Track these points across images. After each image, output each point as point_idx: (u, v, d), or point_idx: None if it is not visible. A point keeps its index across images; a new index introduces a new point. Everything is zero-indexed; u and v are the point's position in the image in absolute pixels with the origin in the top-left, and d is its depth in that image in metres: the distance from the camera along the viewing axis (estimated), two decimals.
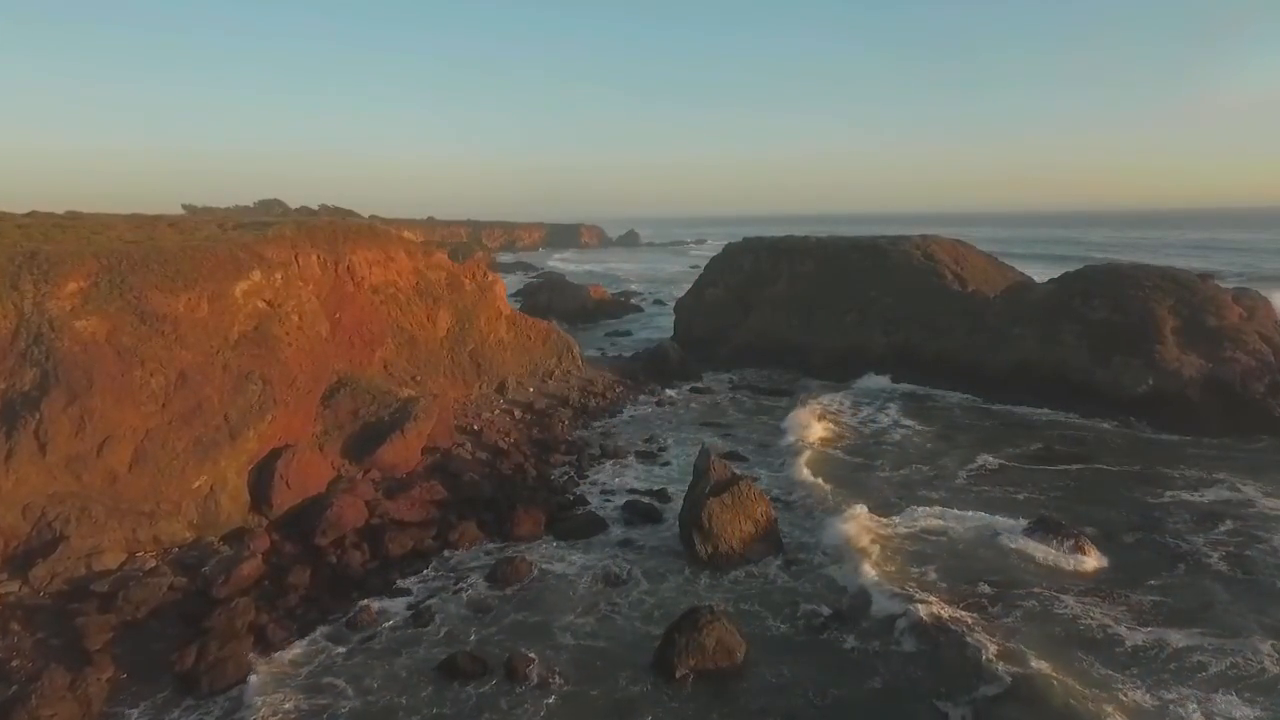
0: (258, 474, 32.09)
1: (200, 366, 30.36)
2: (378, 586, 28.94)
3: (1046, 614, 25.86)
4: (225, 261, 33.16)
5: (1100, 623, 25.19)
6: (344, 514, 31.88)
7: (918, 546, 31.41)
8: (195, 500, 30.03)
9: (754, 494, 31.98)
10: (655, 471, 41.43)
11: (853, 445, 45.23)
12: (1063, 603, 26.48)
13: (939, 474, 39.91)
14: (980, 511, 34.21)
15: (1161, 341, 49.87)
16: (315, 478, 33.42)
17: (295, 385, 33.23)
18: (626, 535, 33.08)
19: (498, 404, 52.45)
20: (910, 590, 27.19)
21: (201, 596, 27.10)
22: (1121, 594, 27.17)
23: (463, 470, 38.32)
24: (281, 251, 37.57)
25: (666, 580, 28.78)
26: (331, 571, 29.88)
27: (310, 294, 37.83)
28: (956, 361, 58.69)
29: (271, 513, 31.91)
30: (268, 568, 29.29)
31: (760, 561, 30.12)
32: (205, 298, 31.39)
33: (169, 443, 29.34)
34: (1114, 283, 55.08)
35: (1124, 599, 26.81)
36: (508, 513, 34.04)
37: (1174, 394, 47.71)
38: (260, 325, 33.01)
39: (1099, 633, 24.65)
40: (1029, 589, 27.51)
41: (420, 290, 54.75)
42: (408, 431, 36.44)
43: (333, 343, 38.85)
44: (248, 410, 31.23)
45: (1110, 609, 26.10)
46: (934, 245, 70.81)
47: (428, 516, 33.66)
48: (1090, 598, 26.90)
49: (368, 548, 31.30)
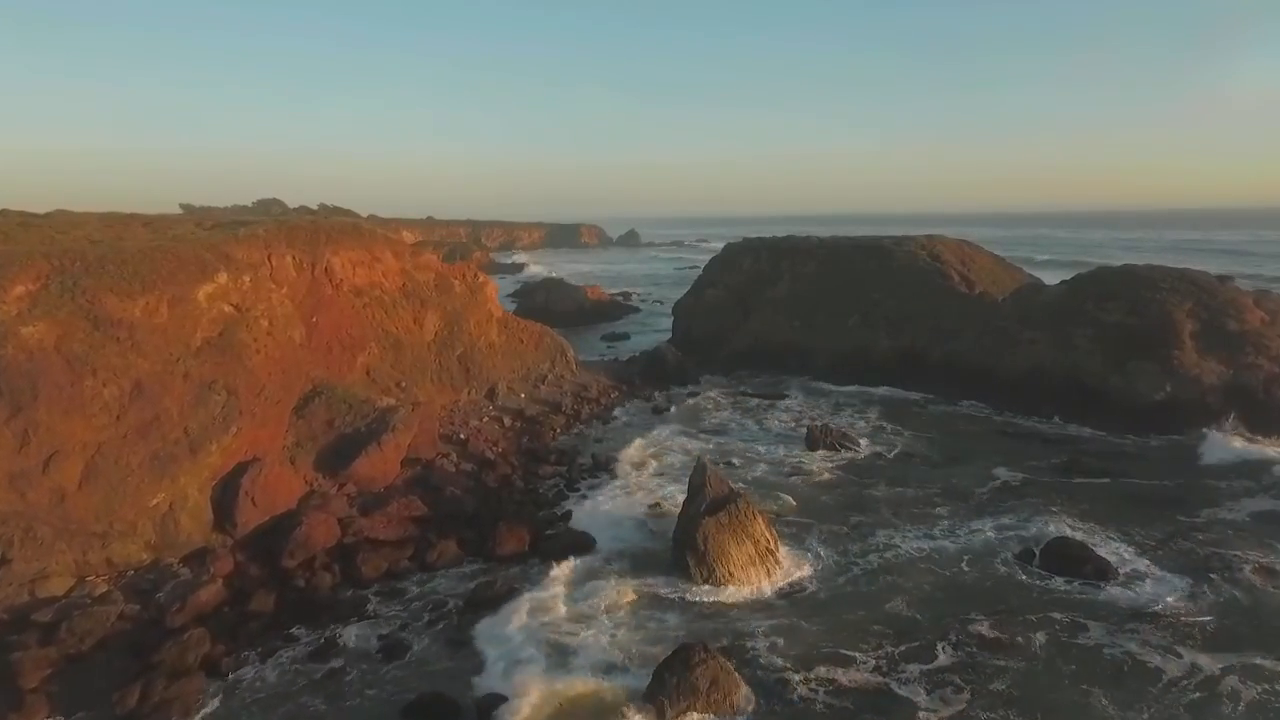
0: (222, 490, 30.02)
1: (158, 376, 28.25)
2: (348, 612, 26.94)
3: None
4: (188, 263, 31.04)
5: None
6: (314, 533, 29.80)
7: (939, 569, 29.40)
8: (152, 519, 27.95)
9: (753, 512, 29.88)
10: (649, 483, 39.26)
11: (858, 462, 42.93)
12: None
13: (950, 492, 37.48)
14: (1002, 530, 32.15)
15: (1180, 346, 47.69)
16: (285, 493, 31.33)
17: (263, 395, 31.13)
18: (616, 555, 30.95)
19: (487, 410, 50.34)
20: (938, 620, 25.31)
21: (154, 626, 25.07)
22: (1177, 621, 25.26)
23: (445, 484, 36.23)
24: (252, 252, 35.44)
25: (657, 608, 26.62)
26: (299, 596, 27.83)
27: (283, 297, 35.71)
28: (964, 366, 56.53)
29: (236, 532, 29.84)
30: (229, 592, 27.26)
31: (759, 587, 27.99)
32: (165, 302, 29.28)
33: (123, 458, 27.25)
34: (1129, 285, 52.88)
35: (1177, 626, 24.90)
36: (491, 530, 31.96)
37: (1193, 401, 45.54)
38: (226, 331, 30.89)
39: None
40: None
41: (407, 292, 52.67)
42: (385, 444, 34.35)
43: (308, 349, 36.75)
44: (210, 422, 29.14)
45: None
46: (940, 246, 68.74)
47: (405, 534, 31.60)
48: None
49: (339, 569, 29.31)
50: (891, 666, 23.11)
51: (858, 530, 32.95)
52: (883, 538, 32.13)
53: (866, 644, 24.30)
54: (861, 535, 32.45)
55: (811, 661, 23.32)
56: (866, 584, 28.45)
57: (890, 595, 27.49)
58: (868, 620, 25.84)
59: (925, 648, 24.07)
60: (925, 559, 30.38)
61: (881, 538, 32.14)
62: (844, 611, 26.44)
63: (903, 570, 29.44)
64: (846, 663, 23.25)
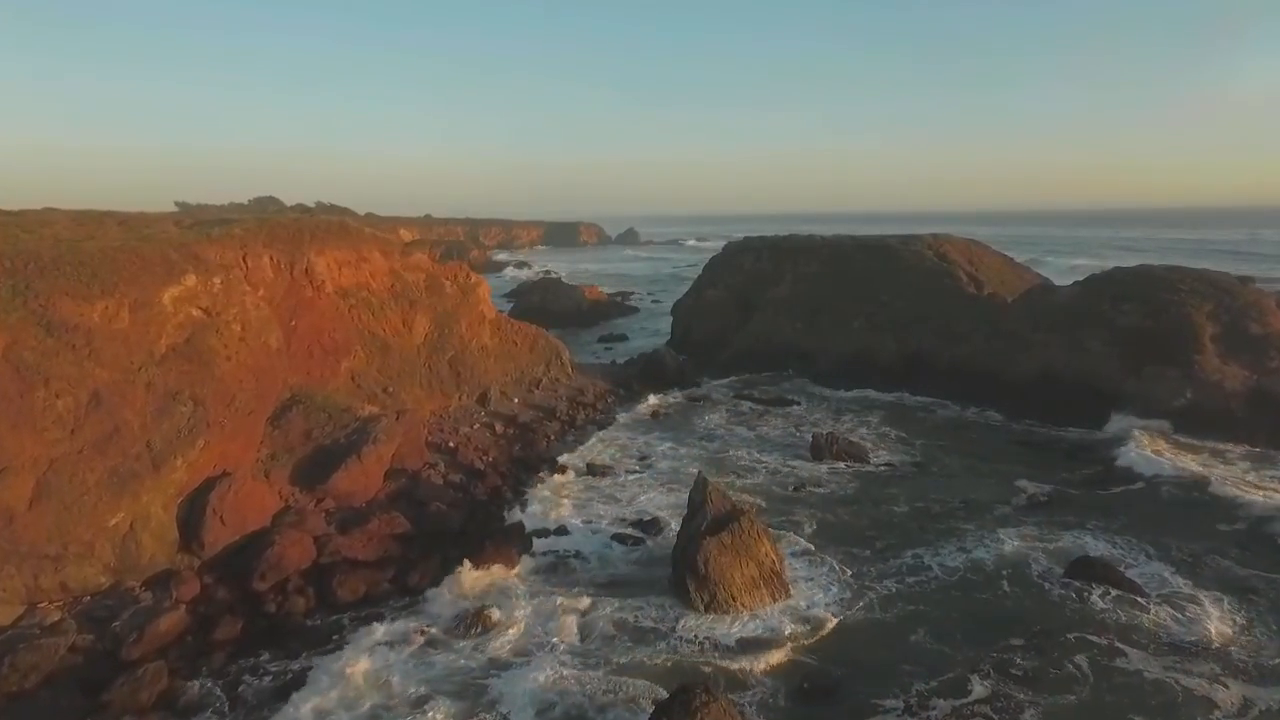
0: (189, 508, 27.99)
1: (118, 386, 26.21)
2: (322, 640, 24.97)
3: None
4: (153, 264, 29.00)
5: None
6: (287, 553, 27.80)
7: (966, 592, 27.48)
8: (111, 540, 25.91)
9: (757, 531, 27.87)
10: (647, 495, 37.29)
11: (868, 473, 40.93)
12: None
13: (971, 506, 35.37)
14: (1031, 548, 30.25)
15: (1200, 350, 45.74)
16: (257, 510, 29.32)
17: (234, 405, 29.11)
18: (611, 576, 28.99)
19: (478, 417, 48.35)
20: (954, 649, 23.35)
21: (108, 658, 23.10)
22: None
23: (431, 497, 34.19)
24: (226, 253, 33.41)
25: (654, 638, 24.60)
26: (269, 623, 25.86)
27: (259, 300, 33.68)
28: (973, 370, 54.56)
29: (204, 552, 27.82)
30: (192, 619, 25.29)
31: (765, 613, 26.00)
32: (126, 306, 27.23)
33: (78, 475, 25.21)
34: (1145, 286, 50.91)
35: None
36: (477, 549, 29.94)
37: (1216, 408, 43.58)
38: (194, 337, 28.83)
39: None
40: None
41: (396, 293, 50.67)
42: (366, 456, 32.32)
43: (286, 354, 34.72)
44: (175, 435, 27.12)
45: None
46: (947, 245, 66.78)
47: (386, 554, 29.60)
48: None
49: (314, 593, 27.30)
50: (921, 704, 21.11)
51: (874, 549, 30.98)
52: (902, 558, 30.15)
53: (890, 677, 22.37)
54: (879, 555, 30.47)
55: (830, 699, 21.38)
56: (886, 609, 26.45)
57: (914, 623, 25.51)
58: (890, 649, 23.94)
59: (957, 681, 22.13)
60: (950, 581, 28.40)
61: (901, 558, 30.16)
62: (863, 640, 24.52)
63: (926, 594, 27.47)
64: (869, 699, 21.30)
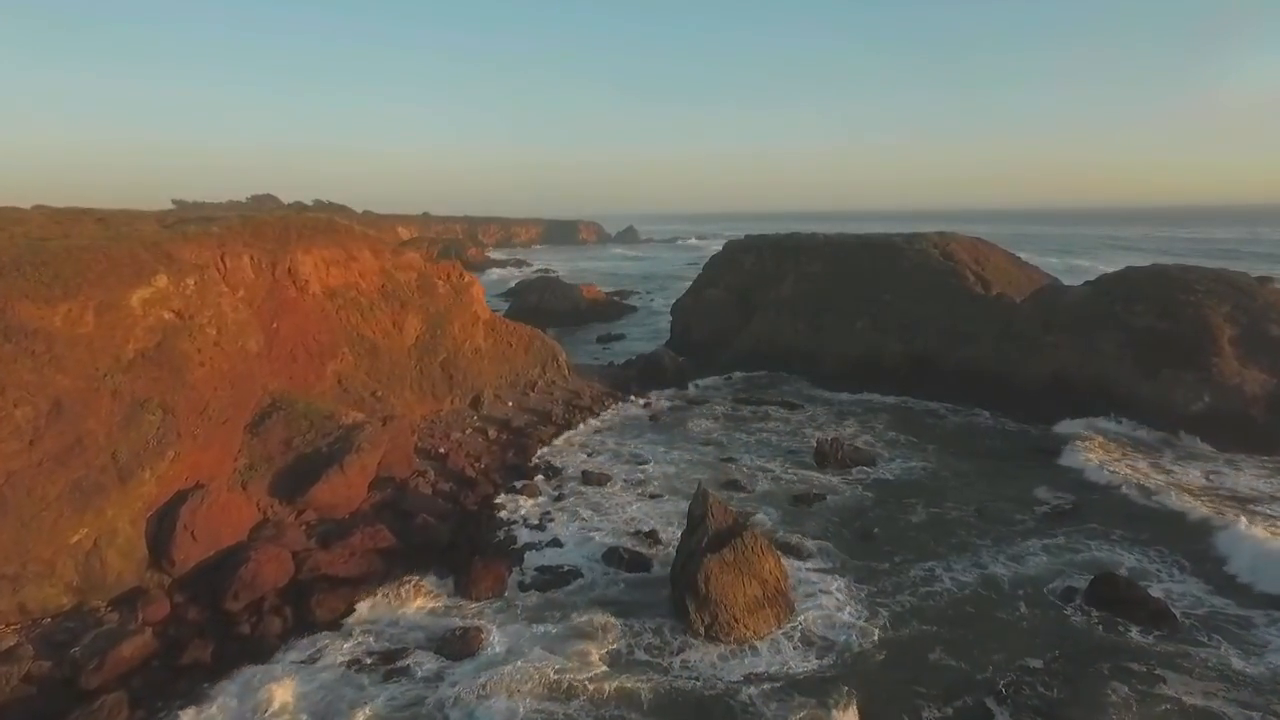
0: (158, 523, 26.43)
1: (81, 394, 24.63)
2: (297, 665, 23.40)
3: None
4: (121, 264, 27.39)
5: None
6: (262, 570, 26.23)
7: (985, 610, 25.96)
8: (74, 558, 24.34)
9: (761, 547, 26.28)
10: (644, 505, 35.70)
11: (875, 482, 39.40)
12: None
13: (988, 518, 33.79)
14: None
15: (1218, 353, 44.14)
16: (233, 524, 27.76)
17: (207, 413, 27.52)
18: (605, 594, 27.43)
19: (470, 421, 46.80)
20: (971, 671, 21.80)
21: (66, 687, 21.57)
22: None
23: (418, 508, 32.63)
24: (202, 252, 31.81)
25: (652, 665, 23.04)
26: (241, 646, 24.27)
27: (237, 302, 32.07)
28: (982, 372, 52.99)
29: (175, 569, 26.27)
30: (159, 643, 23.73)
31: (769, 636, 24.45)
32: (91, 308, 25.62)
33: (38, 488, 23.63)
34: (1160, 286, 49.28)
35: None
36: (465, 564, 28.41)
37: (1235, 413, 42.00)
38: (165, 341, 27.23)
39: None
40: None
41: (386, 293, 49.12)
42: (348, 466, 30.74)
43: (266, 359, 33.14)
44: (143, 446, 25.53)
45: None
46: (953, 243, 65.13)
47: (369, 570, 28.03)
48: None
49: (290, 612, 25.76)
50: None
51: (883, 564, 29.43)
52: (915, 573, 28.62)
53: (904, 700, 20.98)
54: (888, 571, 28.92)
55: None
56: (899, 629, 24.94)
57: (929, 643, 24.05)
58: (906, 674, 22.45)
59: (975, 709, 20.65)
60: (965, 597, 26.93)
61: (913, 573, 28.63)
62: (877, 664, 23.02)
63: (941, 612, 25.96)
64: None
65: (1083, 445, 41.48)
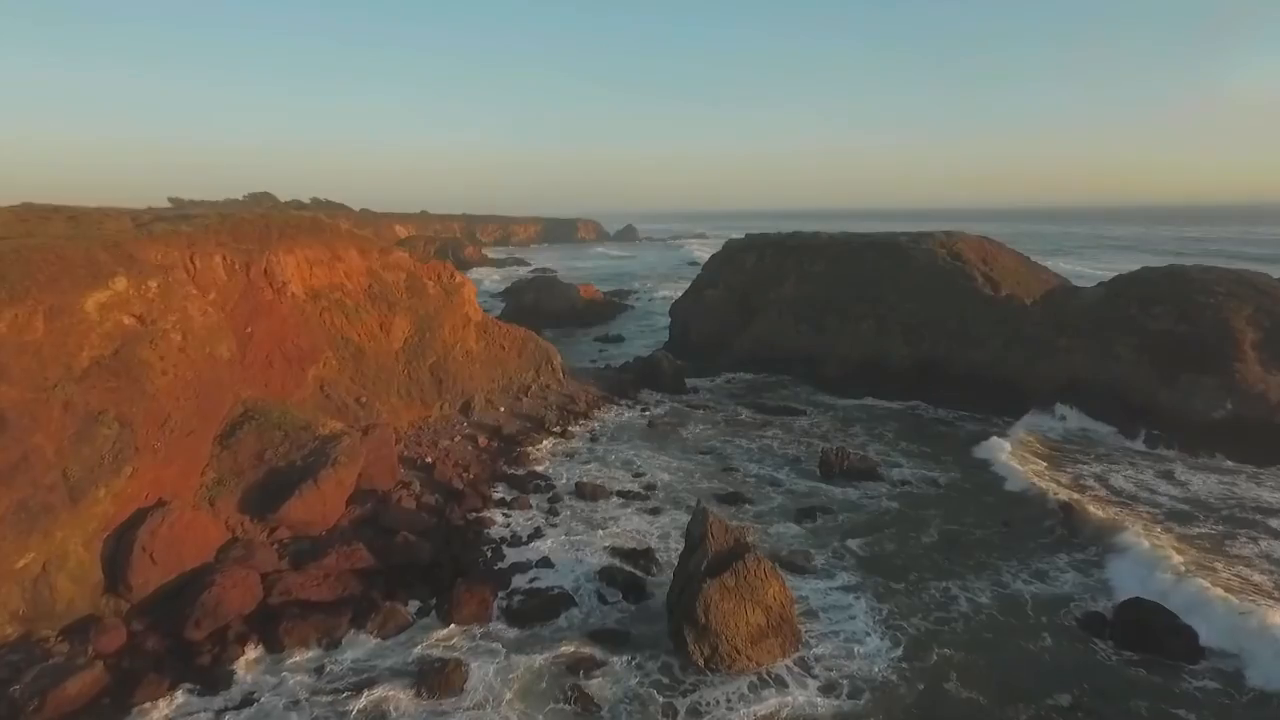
0: (115, 544, 24.48)
1: (28, 406, 22.68)
2: (263, 703, 21.50)
3: None
4: (75, 265, 25.43)
5: None
6: (228, 595, 24.30)
7: (1004, 636, 24.04)
8: (20, 584, 22.41)
9: (765, 570, 24.27)
10: (641, 520, 33.80)
11: (885, 494, 37.50)
12: None
13: (1008, 535, 31.95)
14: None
15: (1241, 358, 42.23)
16: (197, 544, 25.82)
17: (169, 425, 25.59)
18: (600, 622, 25.47)
19: (460, 428, 44.88)
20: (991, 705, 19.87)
21: None
22: None
23: (400, 524, 30.68)
24: (168, 252, 29.86)
25: (649, 704, 21.15)
26: (202, 679, 22.34)
27: (207, 305, 30.12)
28: (992, 377, 51.09)
29: (132, 595, 24.33)
30: (111, 677, 21.78)
31: (774, 667, 22.57)
32: (41, 314, 23.64)
33: None
34: (1178, 288, 47.40)
35: None
36: (448, 587, 26.51)
37: (1260, 421, 40.13)
38: (123, 349, 25.27)
39: None
40: None
41: (373, 294, 47.21)
42: (324, 480, 28.80)
43: (239, 365, 31.21)
44: (96, 462, 23.60)
45: None
46: (960, 243, 63.23)
47: (344, 593, 26.09)
48: None
49: (258, 641, 23.85)
50: None
51: (895, 585, 27.58)
52: (928, 595, 26.87)
53: None
54: (904, 591, 27.13)
55: None
56: (915, 658, 23.20)
57: (945, 671, 22.37)
58: (921, 708, 20.64)
59: None
60: (984, 622, 25.25)
61: (926, 595, 26.87)
62: (898, 699, 21.20)
63: (957, 638, 24.24)
64: None
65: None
